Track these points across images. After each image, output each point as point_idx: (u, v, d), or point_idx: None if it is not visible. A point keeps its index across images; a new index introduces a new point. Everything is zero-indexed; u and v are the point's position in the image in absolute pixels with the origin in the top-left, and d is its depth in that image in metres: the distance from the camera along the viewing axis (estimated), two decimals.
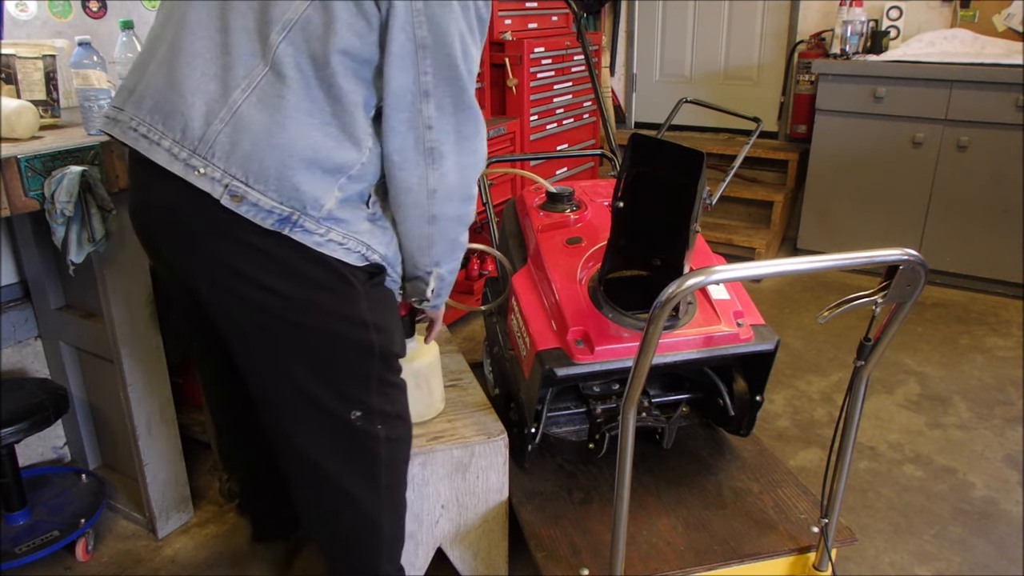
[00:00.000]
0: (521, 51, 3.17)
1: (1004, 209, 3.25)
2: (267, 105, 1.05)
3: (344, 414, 1.23)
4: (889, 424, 2.41)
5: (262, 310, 1.14)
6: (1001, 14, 3.48)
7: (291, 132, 1.06)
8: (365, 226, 1.16)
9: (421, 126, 1.12)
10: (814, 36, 3.92)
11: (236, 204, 1.06)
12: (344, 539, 1.36)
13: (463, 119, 1.14)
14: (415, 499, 1.55)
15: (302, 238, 1.10)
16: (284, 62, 1.05)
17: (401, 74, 1.09)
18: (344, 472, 1.28)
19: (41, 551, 1.74)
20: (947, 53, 3.38)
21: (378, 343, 1.22)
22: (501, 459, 1.57)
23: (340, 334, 1.18)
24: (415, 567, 1.62)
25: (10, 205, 1.45)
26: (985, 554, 1.85)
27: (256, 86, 1.06)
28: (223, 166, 1.06)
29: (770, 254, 3.85)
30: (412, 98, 1.10)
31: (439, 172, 1.15)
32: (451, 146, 1.14)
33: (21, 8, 1.97)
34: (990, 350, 2.90)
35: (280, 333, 1.17)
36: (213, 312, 1.20)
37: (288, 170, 1.06)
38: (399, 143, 1.13)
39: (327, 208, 1.10)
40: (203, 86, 1.07)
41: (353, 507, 1.31)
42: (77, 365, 2.03)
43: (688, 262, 1.34)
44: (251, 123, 1.05)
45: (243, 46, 1.07)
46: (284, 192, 1.07)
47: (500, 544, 1.65)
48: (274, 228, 1.08)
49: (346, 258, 1.14)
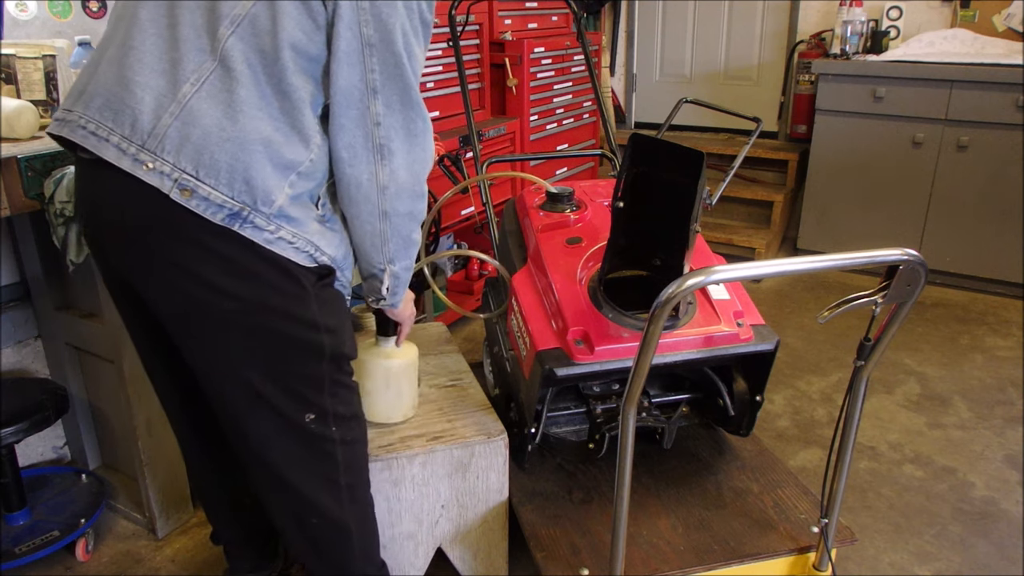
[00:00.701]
0: (521, 51, 3.17)
1: (1004, 209, 3.26)
2: (217, 99, 1.06)
3: (298, 418, 1.23)
4: (889, 424, 2.41)
5: (212, 311, 1.14)
6: (1001, 14, 3.48)
7: (241, 125, 1.06)
8: (315, 227, 1.17)
9: (370, 123, 1.13)
10: (814, 36, 3.92)
11: (186, 198, 1.06)
12: (316, 545, 1.36)
13: (411, 116, 1.15)
14: (415, 498, 1.55)
15: (252, 235, 1.10)
16: (233, 57, 1.06)
17: (348, 71, 1.10)
18: (304, 478, 1.28)
19: (41, 551, 1.74)
20: (947, 53, 3.38)
21: (328, 345, 1.22)
22: (501, 459, 1.57)
23: (291, 336, 1.18)
24: (415, 567, 1.61)
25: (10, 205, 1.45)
26: (985, 554, 1.85)
27: (205, 80, 1.06)
28: (172, 160, 1.05)
29: (770, 254, 3.85)
30: (360, 95, 1.11)
31: (389, 168, 1.16)
32: (400, 143, 1.15)
33: (21, 8, 1.97)
34: (990, 350, 2.90)
35: (231, 335, 1.17)
36: (164, 318, 1.20)
37: (239, 163, 1.06)
38: (348, 139, 1.13)
39: (278, 204, 1.10)
40: (152, 81, 1.07)
41: (317, 512, 1.31)
42: (77, 365, 2.03)
43: (688, 262, 1.34)
44: (201, 117, 1.05)
45: (192, 41, 1.07)
46: (235, 186, 1.07)
47: (500, 544, 1.65)
48: (224, 224, 1.08)
49: (295, 257, 1.14)
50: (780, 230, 4.02)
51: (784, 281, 3.55)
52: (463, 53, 2.81)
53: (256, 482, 1.34)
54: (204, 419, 1.40)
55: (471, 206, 2.94)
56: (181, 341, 1.22)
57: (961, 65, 3.22)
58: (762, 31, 4.20)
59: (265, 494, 1.34)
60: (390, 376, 1.56)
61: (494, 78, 3.22)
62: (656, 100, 4.68)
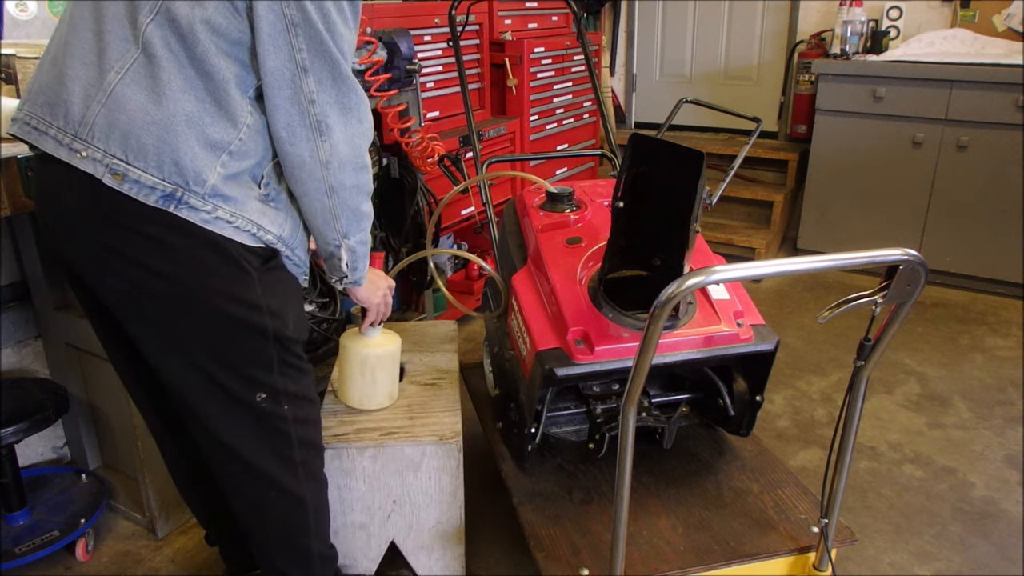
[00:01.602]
0: (521, 51, 3.17)
1: (1004, 209, 3.26)
2: (141, 85, 1.08)
3: (250, 397, 1.26)
4: (889, 424, 2.41)
5: (154, 295, 1.16)
6: (1001, 14, 3.48)
7: (166, 108, 1.09)
8: (255, 206, 1.18)
9: (304, 101, 1.14)
10: (814, 36, 3.92)
11: (118, 183, 1.09)
12: (272, 522, 1.39)
13: (344, 91, 1.17)
14: (366, 490, 1.57)
15: (189, 215, 1.12)
16: (154, 43, 1.09)
17: (276, 53, 1.12)
18: (259, 454, 1.31)
19: (41, 551, 1.74)
20: (947, 53, 3.38)
21: (271, 327, 1.23)
22: (454, 463, 1.58)
23: (233, 317, 1.20)
24: (368, 557, 1.64)
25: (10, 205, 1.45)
26: (985, 554, 1.85)
27: (129, 67, 1.09)
28: (103, 146, 1.09)
29: (770, 254, 3.85)
30: (291, 75, 1.13)
31: (329, 143, 1.18)
32: (336, 117, 1.17)
33: (21, 8, 1.97)
34: (990, 350, 2.90)
35: (176, 319, 1.19)
36: (110, 304, 1.22)
37: (166, 145, 1.09)
38: (285, 119, 1.15)
39: (210, 184, 1.12)
40: (82, 73, 1.10)
41: (274, 487, 1.34)
42: (77, 365, 2.02)
43: (688, 262, 1.34)
44: (126, 102, 1.08)
45: (115, 31, 1.10)
46: (164, 168, 1.09)
47: (455, 547, 1.66)
48: (159, 205, 1.10)
49: (236, 236, 1.16)
50: (780, 230, 4.02)
51: (784, 281, 3.55)
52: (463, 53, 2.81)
53: (214, 463, 1.36)
54: (170, 412, 1.41)
55: (471, 206, 2.94)
56: (128, 327, 1.24)
57: (961, 65, 3.22)
58: (762, 31, 4.20)
59: (224, 475, 1.37)
60: (365, 364, 1.60)
61: (494, 78, 3.22)
62: (656, 100, 4.68)
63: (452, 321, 2.13)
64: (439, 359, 1.87)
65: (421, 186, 2.44)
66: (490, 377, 1.95)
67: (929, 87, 3.28)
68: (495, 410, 1.89)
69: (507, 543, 1.87)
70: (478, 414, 1.95)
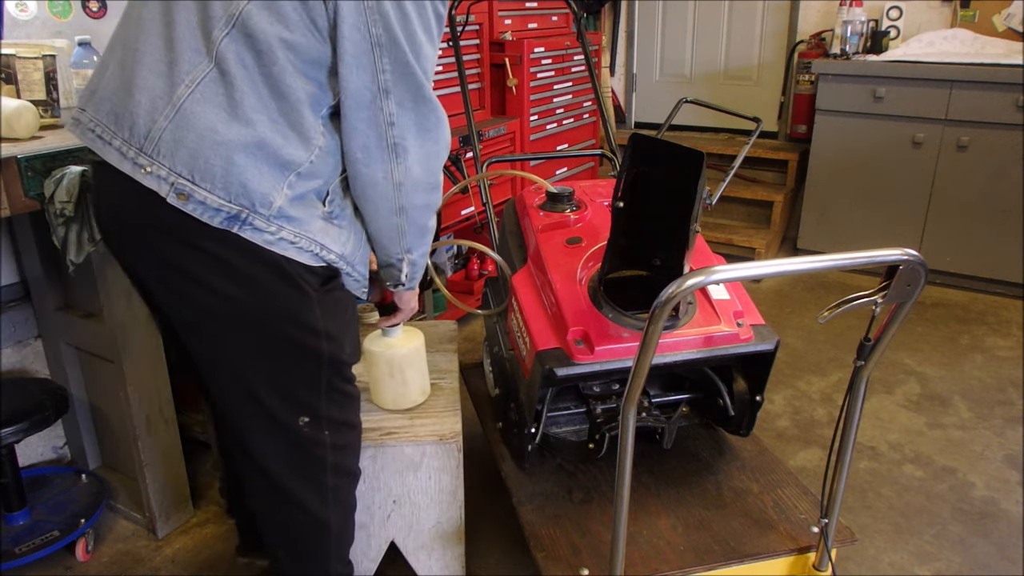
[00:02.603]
0: (521, 51, 3.17)
1: (1004, 209, 3.25)
2: (211, 102, 1.05)
3: (292, 420, 1.24)
4: (889, 424, 2.41)
5: (212, 313, 1.15)
6: (1001, 14, 3.48)
7: (236, 129, 1.05)
8: (319, 225, 1.16)
9: (383, 123, 1.12)
10: (814, 36, 3.91)
11: (183, 202, 1.06)
12: (293, 539, 1.38)
13: (423, 112, 1.15)
14: (366, 490, 1.57)
15: (252, 236, 1.09)
16: (228, 59, 1.05)
17: (358, 73, 1.09)
18: (291, 477, 1.29)
19: (41, 551, 1.74)
20: (947, 53, 3.38)
21: (327, 351, 1.22)
22: (454, 462, 1.58)
23: (289, 339, 1.18)
24: (368, 557, 1.64)
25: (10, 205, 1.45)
26: (985, 554, 1.85)
27: (200, 82, 1.05)
28: (168, 164, 1.05)
29: (770, 254, 3.85)
30: (372, 96, 1.11)
31: (404, 166, 1.16)
32: (413, 140, 1.15)
33: (21, 8, 1.97)
34: (990, 350, 2.90)
35: (231, 337, 1.17)
36: (169, 314, 1.22)
37: (234, 167, 1.06)
38: (362, 141, 1.13)
39: (277, 205, 1.09)
40: (150, 83, 1.06)
41: (301, 510, 1.32)
42: (77, 365, 2.02)
43: (688, 262, 1.34)
44: (195, 120, 1.05)
45: (187, 41, 1.06)
46: (231, 190, 1.06)
47: (455, 546, 1.66)
48: (223, 226, 1.08)
49: (298, 257, 1.14)
50: (780, 230, 4.02)
51: (784, 281, 3.55)
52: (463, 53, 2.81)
53: (245, 475, 1.36)
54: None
55: (471, 206, 2.94)
56: (183, 336, 1.24)
57: (961, 65, 3.22)
58: (762, 31, 4.20)
59: (251, 484, 1.36)
60: (393, 365, 1.60)
61: (494, 78, 3.22)
62: (656, 100, 4.68)
63: (452, 321, 2.13)
64: (439, 359, 1.87)
65: None
66: (490, 377, 1.95)
67: (929, 87, 3.28)
68: (495, 410, 1.89)
69: (507, 543, 1.87)
70: (478, 414, 1.95)
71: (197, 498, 2.04)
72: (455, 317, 2.98)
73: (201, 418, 2.11)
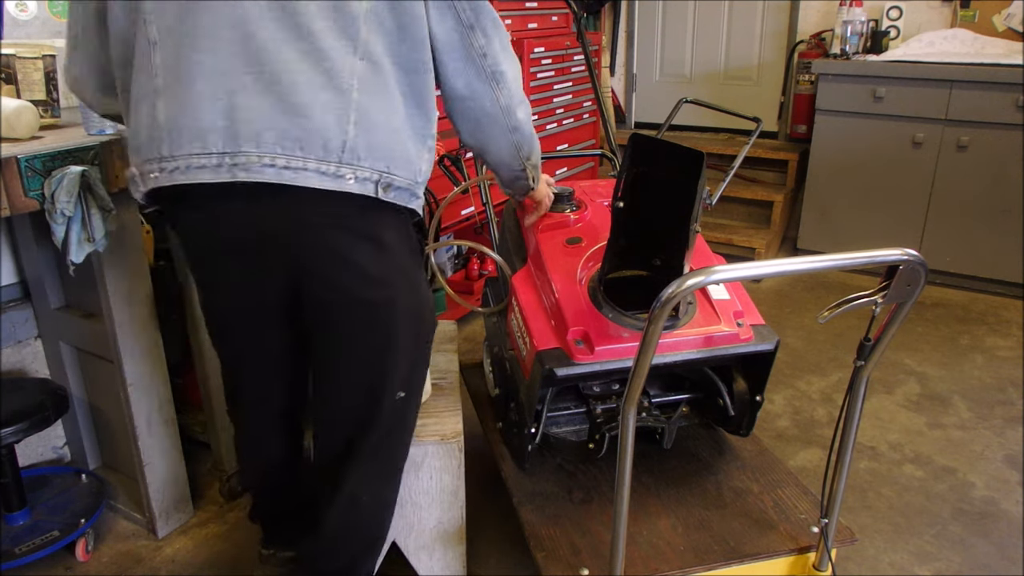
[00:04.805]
0: (521, 51, 3.17)
1: (1004, 209, 3.26)
2: (377, 95, 1.12)
3: (392, 396, 1.29)
4: (889, 424, 2.41)
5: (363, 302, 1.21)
6: (1001, 14, 3.48)
7: (400, 113, 1.14)
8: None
9: (476, 57, 1.20)
10: (814, 36, 3.92)
11: (387, 194, 1.14)
12: (350, 525, 1.40)
13: (502, 34, 1.23)
14: None
15: (413, 204, 1.20)
16: (374, 51, 1.11)
17: (443, 18, 1.16)
18: (394, 450, 1.37)
19: (41, 551, 1.74)
20: (947, 53, 3.38)
21: (429, 321, 1.32)
22: (455, 463, 1.58)
23: (419, 316, 1.28)
24: None
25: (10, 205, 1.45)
26: (985, 554, 1.85)
27: (363, 80, 1.10)
28: (370, 164, 1.12)
29: (770, 254, 3.85)
30: (460, 35, 1.18)
31: (506, 88, 1.25)
32: (505, 62, 1.24)
33: (21, 8, 1.97)
34: (990, 350, 2.90)
35: (382, 326, 1.24)
36: (314, 318, 1.25)
37: (404, 149, 1.15)
38: (464, 79, 1.22)
39: (424, 172, 1.20)
40: (320, 98, 1.08)
41: (394, 486, 1.41)
42: (77, 365, 2.03)
43: (688, 262, 1.34)
44: (374, 116, 1.12)
45: (335, 48, 1.08)
46: (411, 169, 1.17)
47: (456, 546, 1.66)
48: (409, 205, 1.18)
49: (416, 206, 1.22)
50: (780, 230, 4.02)
51: (784, 281, 3.55)
52: None
53: (342, 462, 1.34)
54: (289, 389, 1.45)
55: (471, 206, 2.94)
56: (320, 335, 1.27)
57: (961, 65, 3.22)
58: (762, 31, 4.20)
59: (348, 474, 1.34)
60: None
61: None
62: (656, 100, 4.68)
63: (452, 321, 2.13)
64: (439, 359, 1.87)
65: None
66: (490, 377, 1.95)
67: (929, 87, 3.28)
68: (495, 410, 1.89)
69: (507, 543, 1.87)
70: (478, 414, 1.95)
71: (197, 498, 2.04)
72: (455, 317, 2.99)
73: (201, 418, 2.11)
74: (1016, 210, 3.22)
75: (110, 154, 1.55)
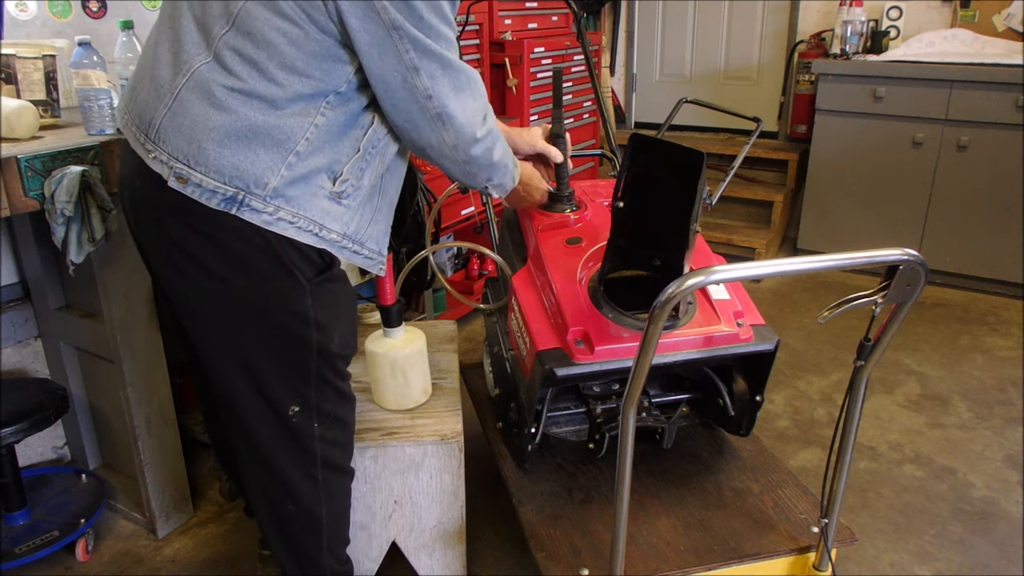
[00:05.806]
0: (521, 51, 3.17)
1: (1004, 209, 3.26)
2: (204, 90, 1.10)
3: (283, 408, 1.27)
4: (889, 424, 2.41)
5: (209, 293, 1.19)
6: (1001, 14, 3.48)
7: (228, 115, 1.10)
8: (321, 205, 1.17)
9: (421, 98, 1.16)
10: (814, 36, 3.91)
11: (182, 185, 1.11)
12: (286, 530, 1.40)
13: (454, 77, 1.17)
14: (368, 491, 1.58)
15: (251, 217, 1.13)
16: (225, 53, 1.10)
17: (383, 59, 1.12)
18: (284, 466, 1.32)
19: (41, 551, 1.74)
20: (947, 53, 3.38)
21: (316, 340, 1.24)
22: (455, 462, 1.58)
23: (280, 325, 1.21)
24: (369, 557, 1.64)
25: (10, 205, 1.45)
26: (985, 554, 1.85)
27: (195, 72, 1.11)
28: (168, 149, 1.12)
29: (770, 254, 3.85)
30: (403, 77, 1.13)
31: (452, 130, 1.20)
32: (454, 105, 1.18)
33: (21, 8, 1.97)
34: (990, 350, 2.90)
35: (223, 318, 1.21)
36: (169, 293, 1.27)
37: (227, 151, 1.10)
38: (405, 116, 1.18)
39: (271, 186, 1.13)
40: (159, 73, 1.15)
41: (293, 499, 1.35)
42: (77, 365, 2.03)
43: (688, 262, 1.34)
44: (190, 107, 1.11)
45: (191, 36, 1.13)
46: (225, 173, 1.11)
47: (457, 546, 1.66)
48: (221, 208, 1.12)
49: (298, 237, 1.16)
50: (780, 230, 4.02)
51: (784, 281, 3.55)
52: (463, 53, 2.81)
53: (240, 459, 1.37)
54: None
55: (471, 206, 2.94)
56: (182, 316, 1.28)
57: (961, 65, 3.22)
58: (762, 31, 4.20)
59: (247, 472, 1.38)
60: (396, 366, 1.61)
61: (494, 78, 3.22)
62: (656, 100, 4.68)
63: (452, 321, 2.13)
64: (439, 359, 1.87)
65: (421, 186, 2.44)
66: (490, 377, 1.95)
67: (929, 87, 3.28)
68: (495, 410, 1.89)
69: (507, 543, 1.87)
70: (478, 414, 1.95)
71: (197, 498, 2.04)
72: (455, 317, 2.99)
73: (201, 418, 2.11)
74: (1016, 210, 3.22)
75: (110, 154, 1.55)
